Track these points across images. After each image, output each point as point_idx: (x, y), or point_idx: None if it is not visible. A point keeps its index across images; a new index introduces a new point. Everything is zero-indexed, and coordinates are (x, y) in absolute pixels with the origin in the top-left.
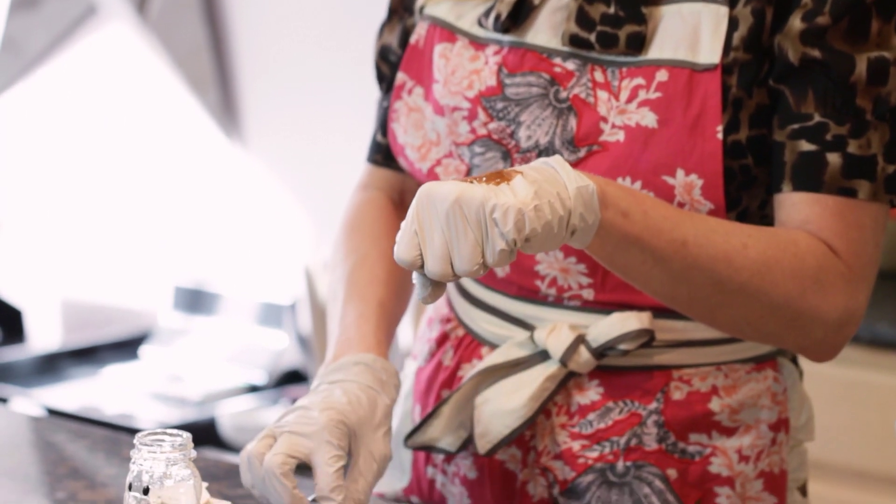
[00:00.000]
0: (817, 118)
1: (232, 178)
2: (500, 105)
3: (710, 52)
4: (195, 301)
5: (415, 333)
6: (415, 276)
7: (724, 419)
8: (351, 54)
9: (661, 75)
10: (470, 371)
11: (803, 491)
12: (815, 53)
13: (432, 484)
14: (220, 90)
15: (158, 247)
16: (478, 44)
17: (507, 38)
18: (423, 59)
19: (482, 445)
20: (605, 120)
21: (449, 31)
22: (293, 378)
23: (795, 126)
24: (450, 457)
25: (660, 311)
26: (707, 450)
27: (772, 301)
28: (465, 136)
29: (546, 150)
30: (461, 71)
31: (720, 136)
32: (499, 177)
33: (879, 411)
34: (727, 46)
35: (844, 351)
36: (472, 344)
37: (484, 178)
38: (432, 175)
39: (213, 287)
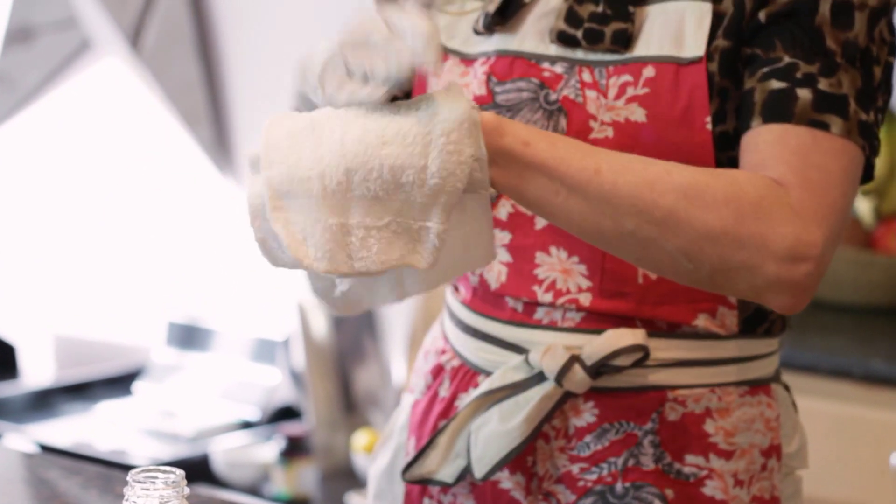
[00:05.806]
0: (787, 59)
1: (225, 214)
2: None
3: (694, 46)
4: (188, 337)
5: (409, 368)
6: None
7: (721, 442)
8: None
9: (648, 71)
10: (466, 399)
11: None
12: (780, 4)
13: None
14: (214, 125)
15: (151, 282)
16: (467, 60)
17: (493, 47)
18: (420, 82)
19: (479, 469)
20: (594, 118)
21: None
22: (286, 414)
23: (765, 69)
24: (446, 488)
25: (654, 331)
26: (703, 472)
27: (707, 227)
28: None
29: None
30: None
31: (709, 126)
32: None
33: (873, 447)
34: (711, 38)
35: (837, 387)
36: (468, 374)
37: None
38: None
39: (206, 323)
